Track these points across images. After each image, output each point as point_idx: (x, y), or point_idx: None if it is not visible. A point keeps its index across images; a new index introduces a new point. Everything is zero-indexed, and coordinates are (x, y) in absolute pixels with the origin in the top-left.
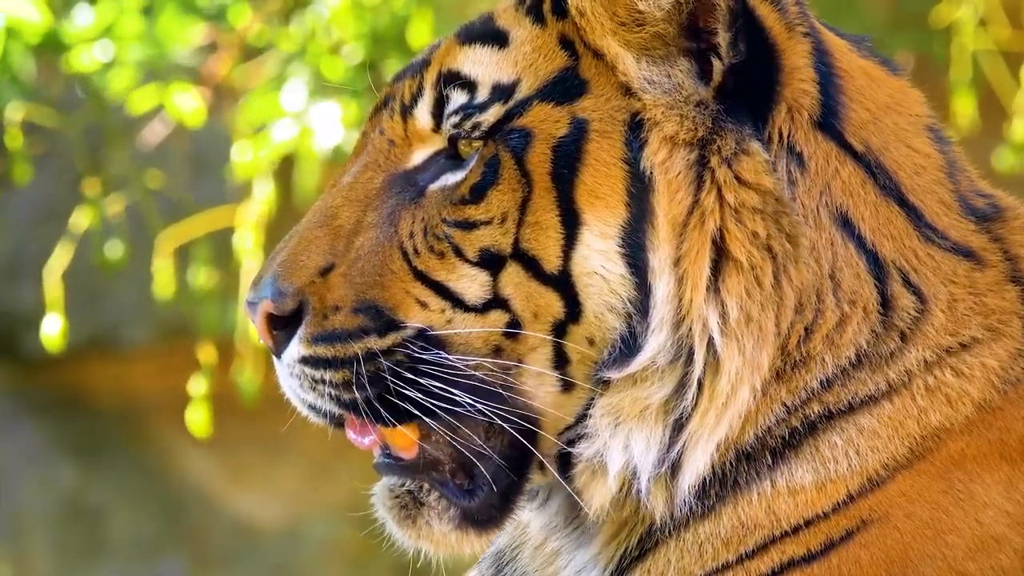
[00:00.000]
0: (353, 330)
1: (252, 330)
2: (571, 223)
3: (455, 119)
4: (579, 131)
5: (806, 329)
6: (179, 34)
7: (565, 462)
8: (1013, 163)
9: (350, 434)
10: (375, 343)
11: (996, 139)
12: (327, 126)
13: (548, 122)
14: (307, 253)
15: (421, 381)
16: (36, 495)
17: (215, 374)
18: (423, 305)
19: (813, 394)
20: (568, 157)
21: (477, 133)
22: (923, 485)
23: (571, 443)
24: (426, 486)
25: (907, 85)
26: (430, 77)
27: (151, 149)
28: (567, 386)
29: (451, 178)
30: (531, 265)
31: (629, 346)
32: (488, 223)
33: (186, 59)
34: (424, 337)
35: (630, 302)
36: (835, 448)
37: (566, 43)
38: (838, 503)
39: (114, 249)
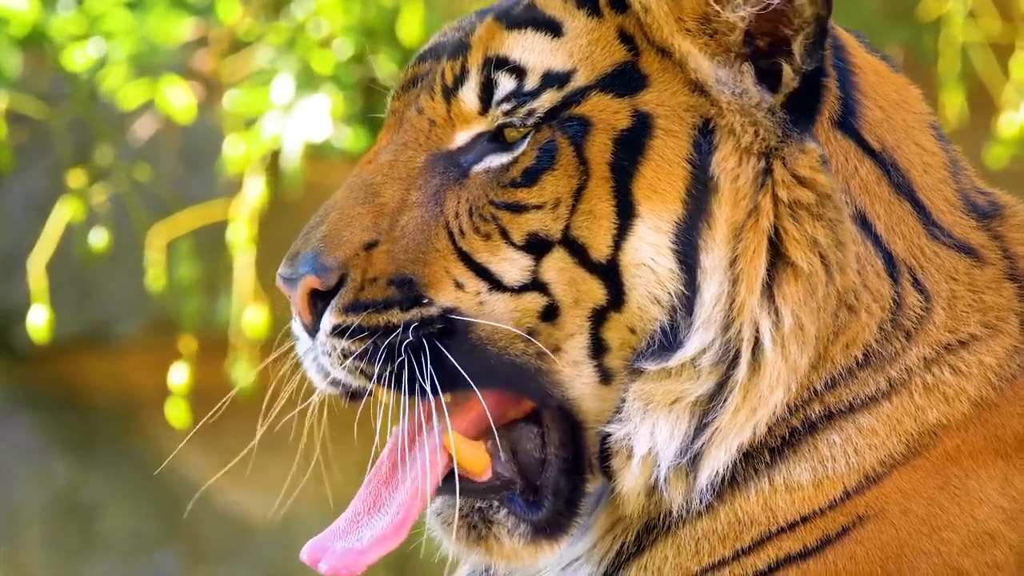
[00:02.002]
0: (381, 301)
1: (247, 324)
2: (626, 214)
3: (506, 106)
4: (643, 125)
5: (835, 332)
6: (169, 29)
7: (605, 451)
8: (1003, 157)
9: (404, 451)
10: (396, 316)
11: (985, 132)
12: (316, 119)
13: (607, 113)
14: (350, 228)
15: (443, 358)
16: (30, 490)
17: (209, 368)
18: (458, 286)
19: (815, 394)
20: (630, 150)
21: (532, 120)
22: (919, 481)
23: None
24: (495, 504)
25: (908, 82)
26: (474, 60)
27: (142, 143)
28: (605, 376)
29: (496, 160)
30: (578, 252)
31: (669, 340)
32: (540, 207)
33: (176, 54)
34: (445, 318)
35: (676, 297)
36: (834, 447)
37: (625, 37)
38: (835, 500)
39: (98, 237)
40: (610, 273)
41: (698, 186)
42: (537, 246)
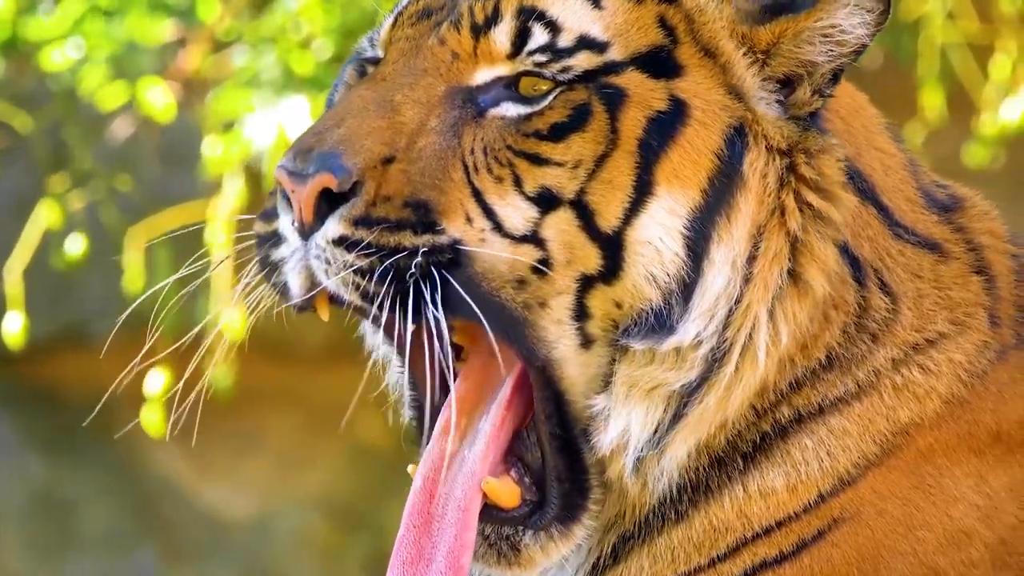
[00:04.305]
0: (395, 221)
1: (225, 326)
2: (643, 192)
3: (540, 57)
4: (678, 111)
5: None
6: (148, 30)
7: (589, 430)
8: (982, 157)
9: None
10: (408, 239)
11: (964, 133)
12: (296, 121)
13: (644, 91)
14: (369, 139)
15: (445, 288)
16: (7, 489)
17: (184, 369)
18: (468, 220)
19: (782, 396)
20: (661, 131)
21: (567, 76)
22: (894, 481)
23: (592, 406)
24: (521, 529)
25: (853, 87)
26: (508, 5)
27: (121, 144)
28: (586, 341)
29: (513, 109)
30: (586, 217)
31: (660, 322)
32: (560, 165)
33: (155, 55)
34: (454, 249)
35: (675, 281)
36: (806, 450)
37: (665, 24)
38: (809, 503)
39: (75, 245)
40: (612, 245)
41: (723, 179)
42: (547, 201)
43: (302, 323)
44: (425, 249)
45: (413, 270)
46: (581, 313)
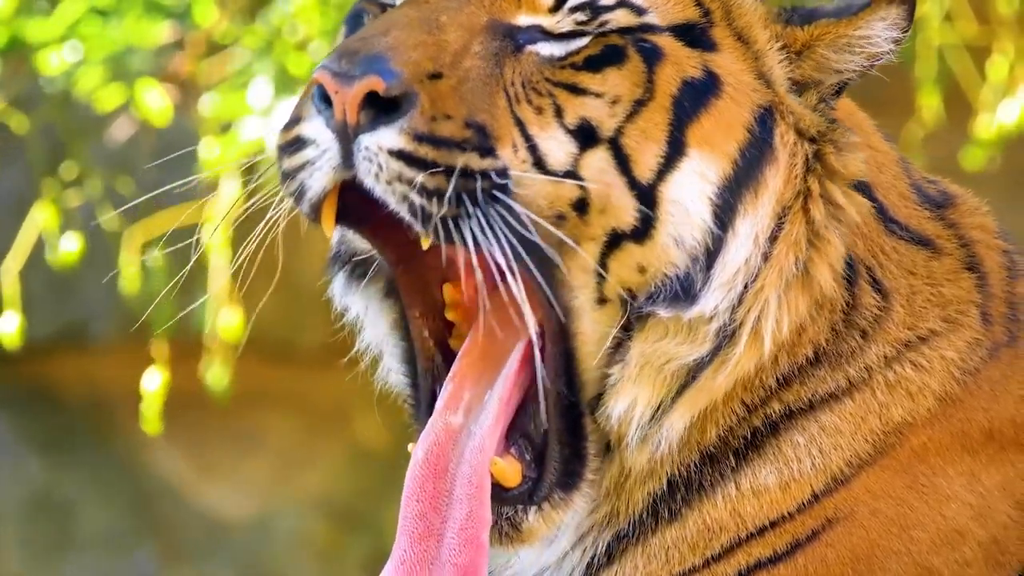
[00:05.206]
0: (459, 141)
1: (222, 327)
2: (676, 150)
3: (580, 16)
4: (712, 83)
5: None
6: (145, 32)
7: (598, 399)
8: (980, 159)
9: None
10: (475, 162)
11: (962, 134)
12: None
13: (680, 56)
14: (416, 51)
15: (492, 214)
16: (5, 489)
17: (183, 369)
18: (515, 149)
19: (771, 392)
20: (695, 96)
21: (604, 29)
22: (887, 481)
23: (606, 376)
24: (520, 508)
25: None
26: None
27: (118, 146)
28: (601, 299)
29: (549, 48)
30: (623, 161)
31: (685, 291)
32: (599, 96)
33: (152, 57)
34: (505, 175)
35: (701, 249)
36: (797, 447)
37: (701, 5)
38: (803, 503)
39: (72, 246)
40: (646, 200)
41: (753, 152)
42: (586, 135)
43: (302, 324)
44: (491, 174)
45: (478, 194)
46: (604, 269)
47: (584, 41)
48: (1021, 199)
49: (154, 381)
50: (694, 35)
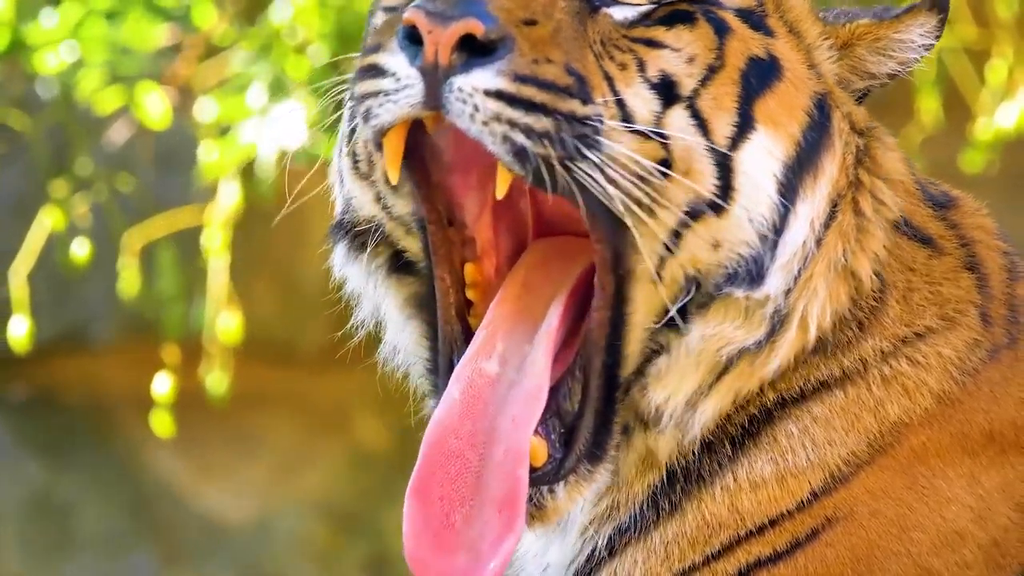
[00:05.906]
0: (563, 87)
1: (221, 330)
2: (746, 123)
3: None
4: (775, 65)
5: None
6: (144, 35)
7: (641, 376)
8: (978, 162)
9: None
10: (579, 108)
11: (960, 138)
12: (291, 125)
13: (745, 34)
14: None
15: (585, 164)
16: (5, 491)
17: (183, 371)
18: (605, 102)
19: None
20: (761, 74)
21: None
22: (887, 481)
23: (649, 358)
24: (544, 489)
25: None
26: None
27: (117, 148)
28: (664, 273)
29: (621, 12)
30: (701, 123)
31: (757, 270)
32: (676, 51)
33: (151, 60)
34: (599, 128)
35: (767, 225)
36: (791, 437)
37: None
38: (802, 501)
39: (81, 248)
40: (724, 168)
41: (813, 135)
42: (667, 90)
43: (302, 326)
44: (593, 121)
45: (578, 140)
46: (678, 240)
47: (654, 6)
48: (1020, 202)
49: (164, 385)
50: (754, 20)
